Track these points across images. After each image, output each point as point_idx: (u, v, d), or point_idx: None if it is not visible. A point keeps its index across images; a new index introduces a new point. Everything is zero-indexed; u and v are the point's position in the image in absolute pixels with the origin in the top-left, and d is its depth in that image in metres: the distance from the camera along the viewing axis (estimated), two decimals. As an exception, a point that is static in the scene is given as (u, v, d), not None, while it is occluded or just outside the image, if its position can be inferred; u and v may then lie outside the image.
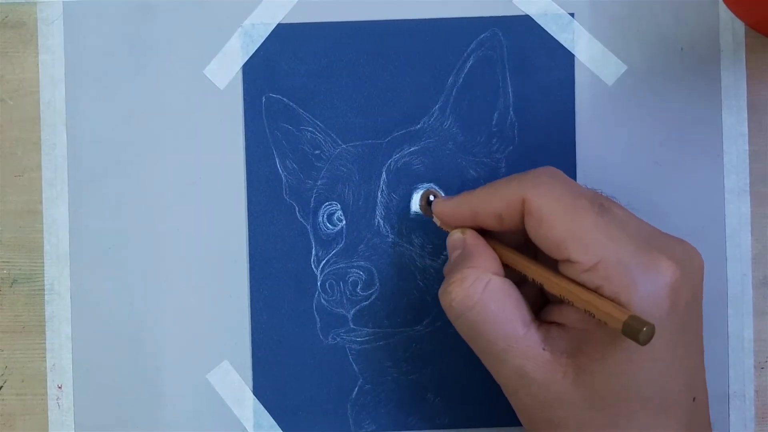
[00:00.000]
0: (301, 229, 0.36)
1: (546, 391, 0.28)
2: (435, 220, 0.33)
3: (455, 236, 0.32)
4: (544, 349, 0.29)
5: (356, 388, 0.36)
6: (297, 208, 0.36)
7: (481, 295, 0.29)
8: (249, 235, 0.36)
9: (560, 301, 0.30)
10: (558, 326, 0.29)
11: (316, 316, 0.35)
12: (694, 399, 0.29)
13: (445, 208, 0.32)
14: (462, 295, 0.29)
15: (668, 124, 0.36)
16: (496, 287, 0.29)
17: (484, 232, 0.32)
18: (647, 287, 0.27)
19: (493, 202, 0.30)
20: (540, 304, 0.32)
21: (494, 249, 0.31)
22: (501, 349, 0.29)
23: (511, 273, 0.31)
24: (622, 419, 0.28)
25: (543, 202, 0.29)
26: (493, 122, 0.36)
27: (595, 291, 0.28)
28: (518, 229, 0.30)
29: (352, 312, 0.35)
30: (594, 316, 0.27)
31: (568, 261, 0.28)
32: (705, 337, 0.30)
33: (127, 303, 0.36)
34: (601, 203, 0.29)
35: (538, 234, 0.29)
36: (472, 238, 0.31)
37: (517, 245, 0.32)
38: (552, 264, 0.29)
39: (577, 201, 0.29)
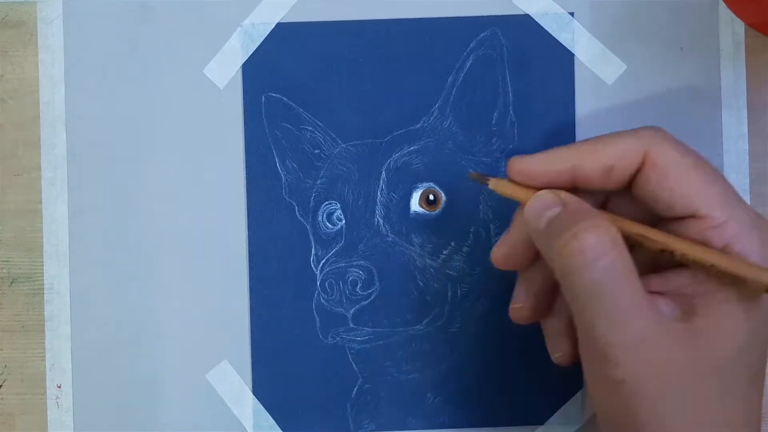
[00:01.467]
0: (300, 228, 0.36)
1: (663, 358, 0.27)
2: (492, 183, 0.30)
3: (545, 197, 0.29)
4: (661, 313, 0.27)
5: (356, 388, 0.36)
6: (296, 208, 0.36)
7: (616, 245, 0.27)
8: (248, 234, 0.36)
9: (663, 269, 0.29)
10: (661, 296, 0.28)
11: (316, 315, 0.35)
12: None
13: (535, 162, 0.30)
14: (594, 241, 0.26)
15: (668, 124, 0.35)
16: (623, 245, 0.27)
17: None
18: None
19: (604, 153, 0.29)
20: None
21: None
22: (624, 309, 0.26)
23: None
24: (728, 386, 0.27)
25: (671, 158, 0.28)
26: (493, 121, 0.36)
27: (722, 249, 0.27)
28: (620, 186, 0.29)
29: (351, 311, 0.35)
30: (736, 277, 0.27)
31: (694, 217, 0.27)
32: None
33: (127, 302, 0.36)
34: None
35: (662, 187, 0.28)
36: (573, 197, 0.29)
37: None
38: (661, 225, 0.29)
39: (700, 162, 0.28)
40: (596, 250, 0.26)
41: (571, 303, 0.28)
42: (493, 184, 0.30)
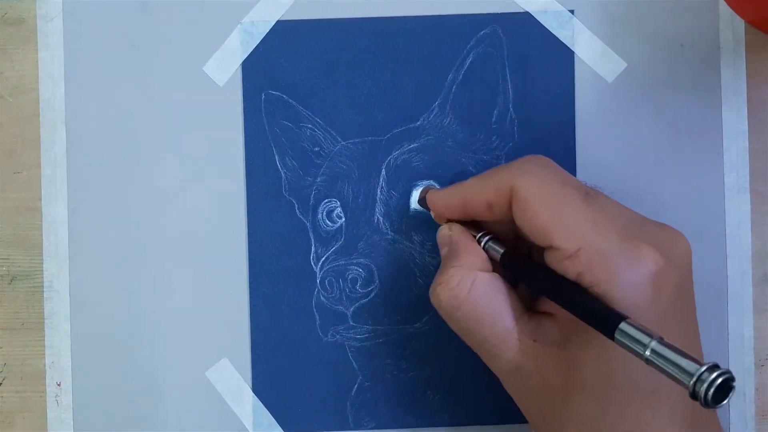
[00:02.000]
0: (300, 226, 0.36)
1: (538, 382, 0.29)
2: (431, 212, 0.34)
3: (443, 232, 0.32)
4: (535, 341, 0.29)
5: (356, 386, 0.36)
6: (296, 205, 0.36)
7: (468, 295, 0.29)
8: (248, 232, 0.36)
9: None
10: (549, 316, 0.30)
11: (316, 313, 0.35)
12: None
13: (437, 198, 0.32)
14: (448, 295, 0.30)
15: (668, 122, 0.36)
16: (483, 284, 0.30)
17: (478, 224, 0.32)
18: (628, 276, 0.27)
19: (482, 190, 0.30)
20: (533, 297, 0.32)
21: (491, 245, 0.31)
22: (493, 344, 0.29)
23: (499, 266, 0.31)
24: (614, 407, 0.27)
25: (529, 189, 0.29)
26: (493, 119, 0.36)
27: (576, 278, 0.28)
28: (508, 218, 0.30)
29: (351, 309, 0.35)
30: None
31: (551, 247, 0.28)
32: (704, 335, 0.30)
33: (126, 300, 0.36)
34: (587, 191, 0.29)
35: (524, 220, 0.29)
36: (458, 235, 0.32)
37: (508, 236, 0.32)
38: (540, 252, 0.30)
39: (563, 188, 0.29)
40: (451, 304, 0.30)
41: None
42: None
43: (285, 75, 0.36)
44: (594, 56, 0.36)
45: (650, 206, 0.34)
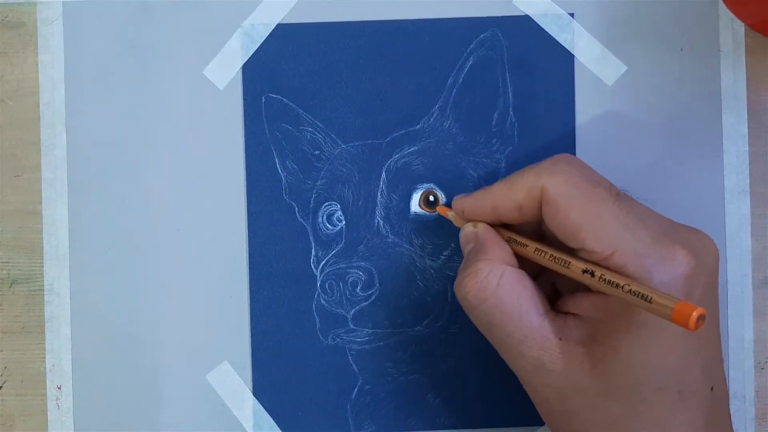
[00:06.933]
0: (300, 229, 0.36)
1: (562, 382, 0.28)
2: (450, 215, 0.34)
3: (467, 230, 0.32)
4: (560, 339, 0.29)
5: (356, 389, 0.36)
6: (297, 209, 0.36)
7: (496, 288, 0.29)
8: (249, 235, 0.36)
9: (575, 291, 0.30)
10: (573, 316, 0.29)
11: (316, 316, 0.35)
12: (712, 388, 0.28)
13: (467, 204, 0.32)
14: (476, 288, 0.29)
15: (668, 125, 0.36)
16: (511, 279, 0.29)
17: (505, 226, 0.32)
18: (662, 278, 0.27)
19: (512, 193, 0.30)
20: (554, 296, 0.32)
21: (514, 241, 0.31)
22: (517, 340, 0.29)
23: (525, 265, 0.31)
24: (639, 408, 0.27)
25: (560, 190, 0.29)
26: (493, 122, 0.36)
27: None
28: (538, 219, 0.30)
29: (351, 312, 0.35)
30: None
31: (584, 250, 0.28)
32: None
33: (127, 303, 0.36)
34: (618, 192, 0.29)
35: (555, 222, 0.29)
36: (484, 231, 0.31)
37: (532, 238, 0.31)
38: (568, 254, 0.29)
39: (595, 189, 0.29)
40: (478, 296, 0.29)
41: None
42: (449, 215, 0.34)
43: (285, 78, 0.36)
44: (594, 59, 0.36)
45: (650, 209, 0.34)
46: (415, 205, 0.36)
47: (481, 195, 0.32)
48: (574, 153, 0.36)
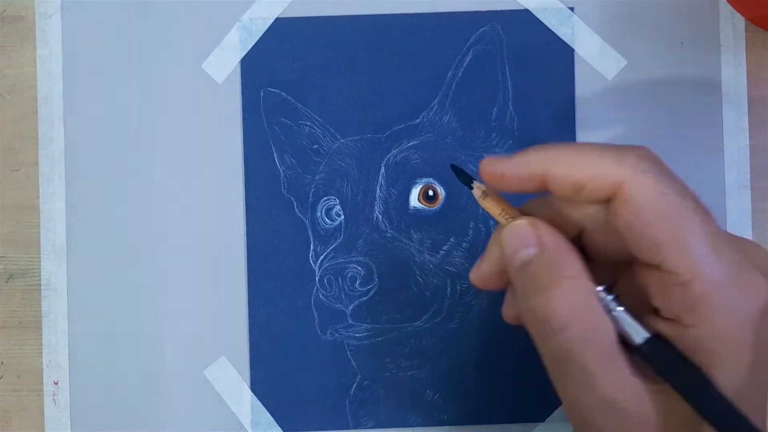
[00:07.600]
0: (299, 224, 0.36)
1: (629, 422, 0.25)
2: (475, 188, 0.28)
3: (524, 229, 0.27)
4: (631, 375, 0.25)
5: (355, 384, 0.35)
6: (295, 203, 0.36)
7: (586, 312, 0.25)
8: (247, 230, 0.35)
9: (643, 316, 0.26)
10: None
11: (315, 311, 0.35)
12: None
13: (509, 166, 0.27)
14: (566, 309, 0.25)
15: (668, 119, 0.36)
16: (596, 301, 0.25)
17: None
18: (741, 310, 0.24)
19: (579, 169, 0.25)
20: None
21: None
22: (590, 373, 0.25)
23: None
24: None
25: (646, 196, 0.25)
26: (493, 117, 0.36)
27: (677, 316, 0.25)
28: (590, 208, 0.26)
29: (350, 307, 0.35)
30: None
31: (659, 268, 0.25)
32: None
33: (124, 298, 0.35)
34: (703, 207, 0.25)
35: (631, 228, 0.25)
36: (552, 235, 0.26)
37: (569, 225, 0.27)
38: (621, 258, 0.26)
39: (683, 202, 0.25)
40: (563, 320, 0.25)
41: (540, 352, 0.26)
42: (477, 192, 0.28)
43: (284, 72, 0.36)
44: (594, 53, 0.36)
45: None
46: (414, 200, 0.35)
47: (534, 155, 0.26)
48: (573, 147, 0.35)
